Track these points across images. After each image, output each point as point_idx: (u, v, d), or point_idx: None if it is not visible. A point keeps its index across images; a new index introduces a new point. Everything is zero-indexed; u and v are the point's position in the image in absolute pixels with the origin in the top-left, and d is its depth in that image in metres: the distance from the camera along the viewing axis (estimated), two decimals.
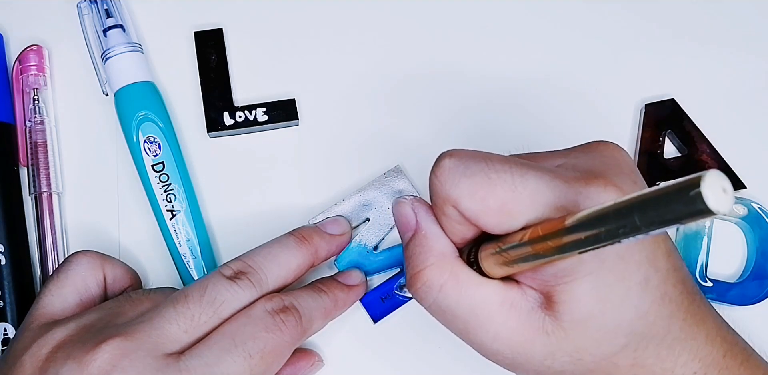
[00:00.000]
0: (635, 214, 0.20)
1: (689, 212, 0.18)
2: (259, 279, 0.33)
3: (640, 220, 0.20)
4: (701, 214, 0.18)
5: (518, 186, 0.27)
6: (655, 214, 0.19)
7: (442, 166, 0.28)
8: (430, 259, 0.29)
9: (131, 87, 0.40)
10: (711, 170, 0.18)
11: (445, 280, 0.29)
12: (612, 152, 0.30)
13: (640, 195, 0.20)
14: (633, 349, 0.27)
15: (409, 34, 0.44)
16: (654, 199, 0.19)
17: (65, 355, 0.29)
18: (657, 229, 0.20)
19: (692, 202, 0.18)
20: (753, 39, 0.45)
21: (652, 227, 0.20)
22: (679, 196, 0.18)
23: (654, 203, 0.19)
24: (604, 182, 0.27)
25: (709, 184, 0.18)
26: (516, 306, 0.28)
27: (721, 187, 0.18)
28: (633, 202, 0.20)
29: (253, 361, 0.30)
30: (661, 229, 0.20)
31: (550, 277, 0.27)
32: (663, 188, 0.19)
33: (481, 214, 0.27)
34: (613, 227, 0.21)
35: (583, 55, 0.44)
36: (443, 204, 0.28)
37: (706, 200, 0.18)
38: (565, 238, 0.23)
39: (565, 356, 0.27)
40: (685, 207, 0.18)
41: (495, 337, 0.28)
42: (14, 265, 0.38)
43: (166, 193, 0.39)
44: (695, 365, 0.28)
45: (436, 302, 0.29)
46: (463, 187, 0.27)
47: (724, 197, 0.18)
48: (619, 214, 0.21)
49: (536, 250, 0.25)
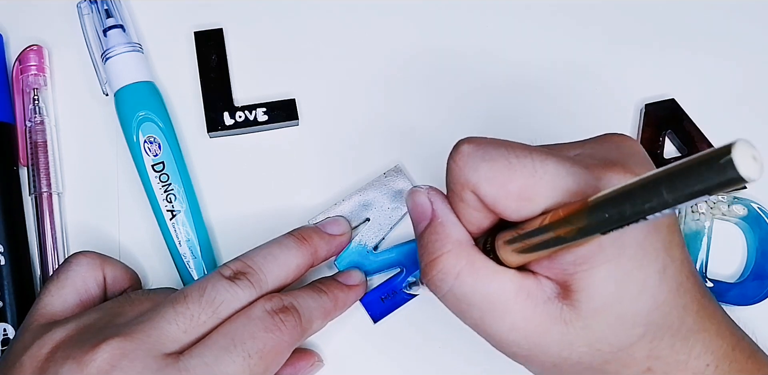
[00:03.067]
0: (663, 187, 0.20)
1: (720, 181, 0.18)
2: (258, 279, 0.33)
3: (668, 192, 0.20)
4: (733, 182, 0.18)
5: (539, 171, 0.26)
6: (684, 186, 0.19)
7: (461, 151, 0.28)
8: (447, 246, 0.29)
9: (131, 87, 0.40)
10: (740, 139, 0.18)
11: (461, 268, 0.28)
12: (627, 143, 0.29)
13: (668, 168, 0.20)
14: (649, 339, 0.27)
15: (409, 34, 0.44)
16: (683, 170, 0.19)
17: (65, 355, 0.29)
18: (685, 202, 0.19)
19: (723, 169, 0.18)
20: (753, 39, 0.45)
21: (681, 200, 0.19)
22: (709, 166, 0.18)
23: (683, 174, 0.19)
24: (623, 169, 0.26)
25: (740, 151, 0.18)
26: (532, 295, 0.27)
27: (751, 155, 0.18)
28: (660, 175, 0.20)
29: (252, 360, 0.30)
30: (690, 201, 0.19)
31: (568, 264, 0.26)
32: (692, 159, 0.19)
33: (500, 199, 0.27)
34: (638, 203, 0.21)
35: (583, 54, 0.44)
36: (461, 189, 0.28)
37: (737, 167, 0.17)
38: (587, 219, 0.23)
39: (584, 346, 0.27)
40: (716, 175, 0.18)
41: (512, 327, 0.28)
42: (14, 265, 0.38)
43: (166, 193, 0.39)
44: (708, 357, 0.28)
45: (452, 290, 0.28)
46: (482, 171, 0.27)
47: (754, 164, 0.18)
48: (646, 189, 0.20)
49: (557, 234, 0.25)
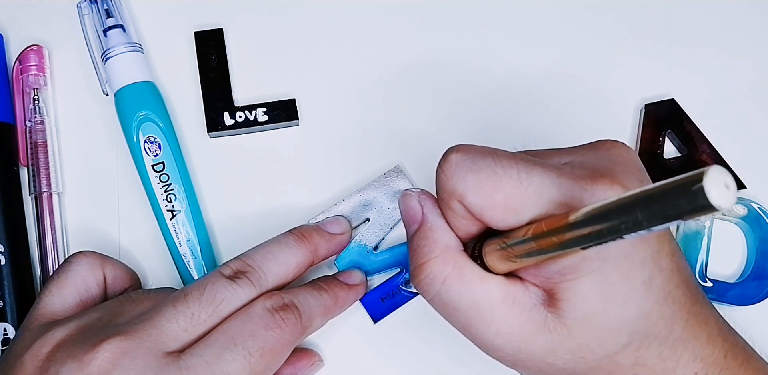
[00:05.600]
0: (638, 209, 0.20)
1: (691, 208, 0.18)
2: (258, 278, 0.33)
3: (643, 215, 0.20)
4: (703, 209, 0.18)
5: (524, 182, 0.27)
6: (657, 210, 0.19)
7: (449, 160, 0.28)
8: (435, 252, 0.29)
9: (131, 87, 0.40)
10: (713, 166, 0.18)
11: (448, 273, 0.29)
12: (620, 151, 0.29)
13: (643, 191, 0.20)
14: (635, 348, 0.27)
15: (409, 34, 0.44)
16: (656, 194, 0.19)
17: (66, 354, 0.29)
18: (659, 225, 0.20)
19: (694, 197, 0.18)
20: (753, 39, 0.45)
21: (655, 223, 0.20)
22: (681, 192, 0.18)
23: (656, 199, 0.19)
24: (610, 181, 0.27)
25: (711, 179, 0.18)
26: (518, 302, 0.28)
27: (723, 183, 0.18)
28: (636, 197, 0.20)
29: (253, 358, 0.30)
30: (664, 224, 0.20)
31: (553, 274, 0.27)
32: (665, 184, 0.19)
33: (486, 209, 0.27)
34: (615, 223, 0.21)
35: (583, 55, 0.44)
36: (449, 198, 0.28)
37: (708, 196, 0.17)
38: (568, 234, 0.23)
39: (567, 354, 0.27)
40: (687, 202, 0.18)
41: (496, 333, 0.28)
42: (14, 265, 0.38)
43: (166, 193, 0.39)
44: (696, 365, 0.28)
45: (439, 295, 0.29)
46: (469, 181, 0.27)
47: (726, 193, 0.18)
48: (622, 210, 0.21)
49: (540, 246, 0.25)
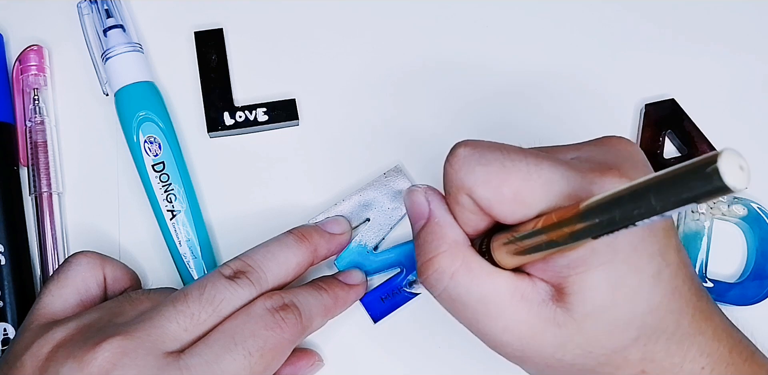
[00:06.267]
0: (651, 194, 0.20)
1: (706, 190, 0.18)
2: (258, 277, 0.33)
3: (656, 200, 0.20)
4: (718, 191, 0.18)
5: (533, 174, 0.27)
6: (671, 194, 0.19)
7: (457, 154, 0.28)
8: (443, 246, 0.29)
9: (131, 87, 0.40)
10: (727, 148, 0.18)
11: (456, 268, 0.28)
12: (625, 146, 0.30)
13: (656, 176, 0.20)
14: (644, 342, 0.27)
15: (409, 34, 0.44)
16: (670, 178, 0.19)
17: (66, 354, 0.29)
18: (673, 210, 0.20)
19: (709, 179, 0.18)
20: (753, 39, 0.45)
21: (669, 207, 0.20)
22: (695, 174, 0.18)
23: (670, 182, 0.19)
24: (618, 174, 0.27)
25: (726, 160, 0.18)
26: (526, 297, 0.27)
27: (738, 164, 0.18)
28: (649, 183, 0.20)
29: (253, 358, 0.30)
30: (677, 208, 0.19)
31: (562, 267, 0.27)
32: (679, 167, 0.19)
33: (495, 203, 0.27)
34: (628, 209, 0.21)
35: (583, 54, 0.44)
36: (457, 192, 0.28)
37: (723, 177, 0.18)
38: (579, 224, 0.23)
39: (577, 349, 0.27)
40: (702, 185, 0.18)
41: (504, 328, 0.28)
42: (14, 265, 0.38)
43: (166, 193, 0.39)
44: (703, 360, 0.28)
45: (447, 290, 0.29)
46: (478, 175, 0.27)
47: (741, 174, 0.18)
48: (635, 196, 0.21)
49: (550, 237, 0.25)
